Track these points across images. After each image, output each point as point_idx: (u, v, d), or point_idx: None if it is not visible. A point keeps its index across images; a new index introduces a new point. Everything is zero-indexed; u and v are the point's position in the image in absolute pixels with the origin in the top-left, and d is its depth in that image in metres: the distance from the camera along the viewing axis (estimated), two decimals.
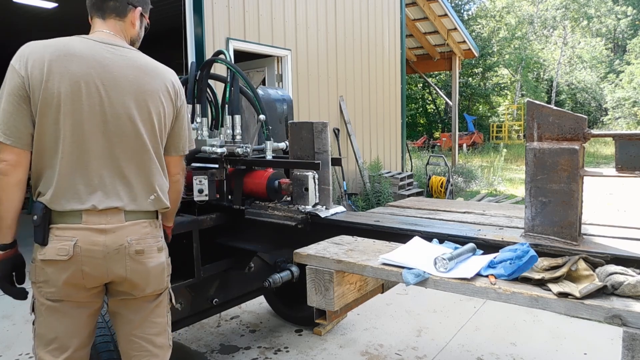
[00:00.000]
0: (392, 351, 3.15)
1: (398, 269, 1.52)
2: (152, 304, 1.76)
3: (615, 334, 3.19)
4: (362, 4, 8.49)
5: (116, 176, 1.62)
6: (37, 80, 1.51)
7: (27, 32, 8.76)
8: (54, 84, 1.52)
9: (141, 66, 1.69)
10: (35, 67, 1.52)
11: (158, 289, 1.75)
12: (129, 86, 1.63)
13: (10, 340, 3.42)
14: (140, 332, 1.74)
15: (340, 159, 2.65)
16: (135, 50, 1.74)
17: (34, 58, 1.53)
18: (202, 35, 5.64)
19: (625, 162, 1.56)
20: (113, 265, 1.60)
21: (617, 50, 32.38)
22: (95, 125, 1.57)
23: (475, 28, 27.34)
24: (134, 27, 1.78)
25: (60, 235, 1.56)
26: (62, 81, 1.53)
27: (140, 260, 1.65)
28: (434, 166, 9.75)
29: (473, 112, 27.96)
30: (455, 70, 13.25)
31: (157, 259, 1.71)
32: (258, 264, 2.95)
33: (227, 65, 2.68)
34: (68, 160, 1.56)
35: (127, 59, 1.66)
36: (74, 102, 1.54)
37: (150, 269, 1.68)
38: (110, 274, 1.61)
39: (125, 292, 1.69)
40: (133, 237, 1.63)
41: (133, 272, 1.64)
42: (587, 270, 1.37)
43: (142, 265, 1.66)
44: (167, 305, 1.83)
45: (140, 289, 1.69)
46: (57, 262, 1.55)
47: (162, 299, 1.80)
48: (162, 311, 1.80)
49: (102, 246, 1.57)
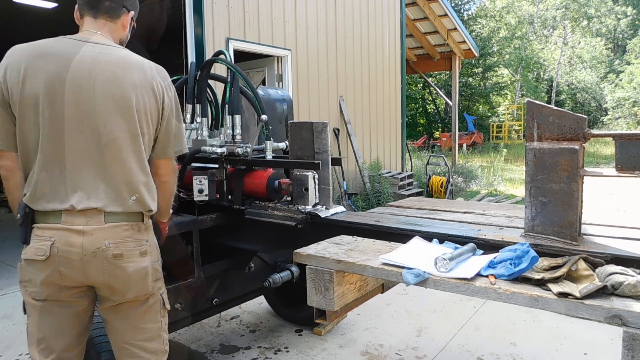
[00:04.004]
0: (392, 351, 3.15)
1: (398, 269, 1.52)
2: (139, 309, 1.71)
3: (615, 334, 3.19)
4: (362, 4, 8.49)
5: (97, 176, 1.58)
6: (14, 83, 1.53)
7: (27, 32, 8.77)
8: (31, 85, 1.53)
9: (123, 62, 1.63)
10: (13, 71, 1.54)
11: (141, 295, 1.69)
12: (108, 83, 1.58)
13: (10, 340, 3.42)
14: (129, 338, 1.71)
15: (340, 159, 2.65)
16: (120, 48, 1.69)
17: (12, 62, 1.55)
18: (202, 35, 5.64)
19: (625, 162, 1.56)
20: (90, 268, 1.57)
21: (617, 50, 32.38)
22: (74, 124, 1.55)
23: (475, 28, 27.33)
24: (124, 30, 1.78)
25: (39, 235, 1.57)
26: (38, 82, 1.53)
27: (119, 264, 1.59)
28: (434, 166, 9.74)
29: (473, 112, 27.96)
30: (455, 70, 13.26)
31: (138, 264, 1.64)
32: (258, 264, 2.95)
33: (227, 65, 2.68)
34: (47, 161, 1.56)
35: (108, 56, 1.62)
36: (50, 103, 1.54)
37: (130, 274, 1.62)
38: (88, 277, 1.59)
39: (107, 298, 1.66)
40: (112, 240, 1.58)
41: (111, 277, 1.60)
42: (587, 270, 1.37)
43: (121, 269, 1.60)
44: (160, 310, 1.77)
45: (120, 294, 1.64)
46: (36, 262, 1.56)
47: (152, 304, 1.74)
48: (152, 316, 1.74)
49: (80, 248, 1.55)
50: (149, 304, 1.73)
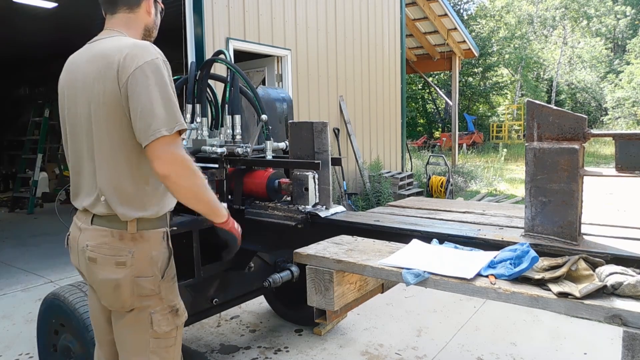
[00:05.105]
0: (392, 351, 3.15)
1: (398, 268, 1.52)
2: (120, 320, 1.63)
3: (615, 334, 3.19)
4: (362, 4, 8.49)
5: (91, 177, 1.59)
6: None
7: (27, 32, 8.78)
8: (59, 96, 1.71)
9: (95, 55, 1.54)
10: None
11: (115, 306, 1.60)
12: (83, 81, 1.56)
13: (10, 340, 3.42)
14: (117, 344, 1.70)
15: (340, 159, 2.65)
16: (109, 38, 1.59)
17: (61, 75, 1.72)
18: (202, 35, 5.64)
19: (625, 162, 1.56)
20: (81, 263, 1.65)
21: (616, 50, 32.37)
22: (75, 128, 1.64)
23: (475, 28, 27.33)
24: (149, 15, 1.72)
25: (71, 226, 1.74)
26: (59, 92, 1.70)
27: (92, 268, 1.59)
28: (434, 166, 9.74)
29: (473, 112, 27.95)
30: (455, 70, 13.25)
31: (108, 274, 1.54)
32: (258, 264, 2.95)
33: (227, 65, 2.67)
34: (70, 163, 1.71)
35: (91, 52, 1.57)
36: (61, 110, 1.70)
37: (99, 281, 1.58)
38: (82, 270, 1.69)
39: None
40: (89, 243, 1.58)
41: (88, 278, 1.67)
42: (587, 270, 1.37)
43: (93, 274, 1.60)
44: (148, 330, 1.60)
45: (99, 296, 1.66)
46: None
47: (134, 320, 1.60)
48: (135, 334, 1.61)
49: (77, 243, 1.66)
50: (130, 319, 1.61)
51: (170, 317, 1.65)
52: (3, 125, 11.35)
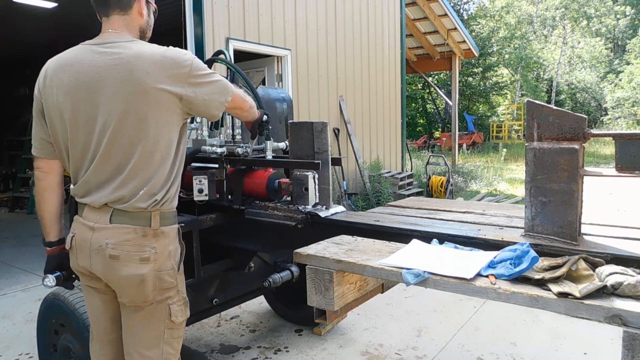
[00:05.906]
0: (392, 351, 3.15)
1: (398, 268, 1.52)
2: (137, 314, 1.67)
3: (615, 334, 3.19)
4: (362, 4, 8.49)
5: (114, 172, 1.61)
6: (45, 94, 1.66)
7: (27, 32, 8.77)
8: (54, 95, 1.63)
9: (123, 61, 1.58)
10: (42, 82, 1.67)
11: (137, 301, 1.65)
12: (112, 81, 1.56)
13: (10, 340, 3.42)
14: (127, 339, 1.72)
15: (340, 159, 2.65)
16: (129, 42, 1.62)
17: (43, 74, 1.68)
18: (202, 35, 5.64)
19: (625, 162, 1.56)
20: (94, 262, 1.64)
21: (616, 50, 32.38)
22: (91, 127, 1.60)
23: (475, 28, 27.33)
24: (142, 17, 1.73)
25: (72, 226, 1.73)
26: (59, 92, 1.63)
27: (114, 266, 1.61)
28: (434, 166, 9.74)
29: (473, 112, 27.95)
30: (455, 70, 13.25)
31: (133, 270, 1.60)
32: (258, 264, 2.95)
33: (227, 65, 2.67)
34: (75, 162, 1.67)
35: (111, 55, 1.58)
36: (72, 112, 1.62)
37: (122, 278, 1.61)
38: (94, 270, 1.67)
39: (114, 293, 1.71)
40: (110, 241, 1.60)
41: (108, 276, 1.64)
42: (587, 270, 1.37)
43: (115, 271, 1.61)
44: (165, 321, 1.70)
45: (118, 295, 1.68)
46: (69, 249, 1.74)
47: (153, 312, 1.68)
48: (152, 325, 1.69)
49: (89, 243, 1.65)
50: (149, 312, 1.68)
51: (184, 307, 1.77)
52: (3, 125, 11.33)
